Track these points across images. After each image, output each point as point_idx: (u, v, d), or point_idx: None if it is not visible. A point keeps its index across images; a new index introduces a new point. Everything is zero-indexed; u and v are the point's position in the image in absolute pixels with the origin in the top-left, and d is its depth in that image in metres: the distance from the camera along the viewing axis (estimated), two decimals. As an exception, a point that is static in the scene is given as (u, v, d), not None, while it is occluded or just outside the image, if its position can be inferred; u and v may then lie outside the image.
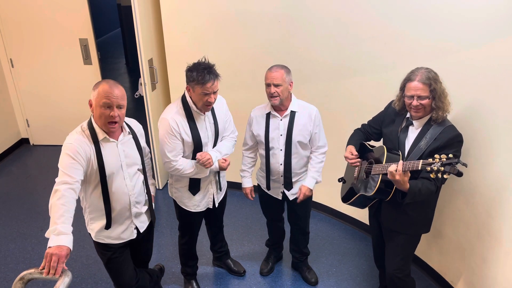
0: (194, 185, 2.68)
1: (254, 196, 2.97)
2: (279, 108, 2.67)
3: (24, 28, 4.67)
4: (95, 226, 2.28)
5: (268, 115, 2.71)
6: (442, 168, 2.01)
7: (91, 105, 2.11)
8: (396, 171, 2.13)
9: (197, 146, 2.55)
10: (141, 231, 2.41)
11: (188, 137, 2.50)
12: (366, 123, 2.69)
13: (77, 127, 2.16)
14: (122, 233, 2.33)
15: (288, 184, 2.82)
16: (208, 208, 2.81)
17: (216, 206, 2.82)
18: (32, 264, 3.32)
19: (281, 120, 2.68)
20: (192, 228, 2.88)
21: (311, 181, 2.80)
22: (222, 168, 2.65)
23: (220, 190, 2.81)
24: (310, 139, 2.73)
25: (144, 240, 2.52)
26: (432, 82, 2.20)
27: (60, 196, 1.91)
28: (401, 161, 2.15)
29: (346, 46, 3.21)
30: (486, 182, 2.52)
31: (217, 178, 2.75)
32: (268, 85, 2.57)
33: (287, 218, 3.09)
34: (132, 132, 2.29)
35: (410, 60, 2.76)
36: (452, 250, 2.91)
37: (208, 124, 2.59)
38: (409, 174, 2.15)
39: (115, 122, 2.09)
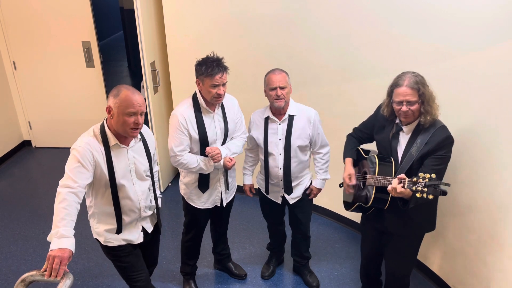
0: (204, 183, 2.71)
1: (254, 192, 2.98)
2: (278, 112, 2.68)
3: (27, 30, 4.69)
4: (102, 230, 2.27)
5: (266, 119, 2.72)
6: (426, 189, 2.04)
7: (109, 112, 2.09)
8: (395, 188, 2.14)
9: (204, 143, 2.60)
10: (149, 231, 2.42)
11: (196, 133, 2.56)
12: (358, 127, 2.68)
13: (89, 129, 2.16)
14: (130, 235, 2.33)
15: (288, 189, 2.82)
16: (215, 207, 2.83)
17: (224, 205, 2.84)
18: (33, 266, 3.32)
19: (279, 124, 2.69)
20: (197, 225, 2.91)
21: (321, 183, 2.85)
22: (226, 167, 2.67)
23: (228, 189, 2.82)
24: (310, 142, 2.74)
25: (150, 245, 2.52)
26: (421, 86, 2.17)
27: (62, 200, 1.92)
28: (396, 180, 2.15)
29: (348, 50, 3.21)
30: (489, 186, 2.52)
31: (225, 176, 2.77)
32: (273, 89, 2.58)
33: (288, 222, 3.08)
34: (143, 138, 2.29)
35: (411, 64, 2.75)
36: (454, 255, 2.90)
37: (217, 122, 2.63)
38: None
39: (138, 128, 2.11)
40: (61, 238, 1.83)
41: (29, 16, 4.62)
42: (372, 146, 2.66)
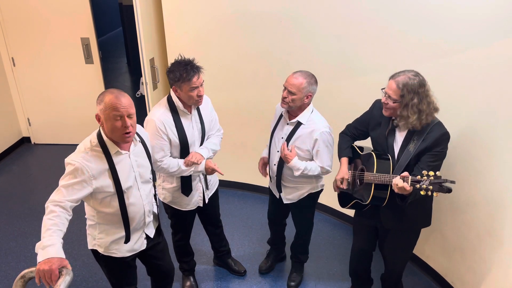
0: (187, 187, 2.67)
1: (267, 173, 2.88)
2: (290, 112, 2.62)
3: (26, 27, 4.67)
4: (107, 240, 2.21)
5: (281, 115, 2.70)
6: (431, 187, 2.06)
7: (99, 120, 2.01)
8: (399, 186, 2.13)
9: (184, 146, 2.55)
10: (151, 236, 2.37)
11: (175, 137, 2.50)
12: (351, 124, 2.66)
13: (85, 140, 2.07)
14: (135, 244, 2.29)
15: (278, 186, 2.81)
16: (199, 207, 2.82)
17: (206, 202, 2.82)
18: (33, 262, 3.32)
19: (287, 124, 2.66)
20: (185, 226, 2.90)
21: (297, 163, 2.58)
22: (207, 172, 2.58)
23: (207, 188, 2.80)
24: (311, 153, 2.65)
25: (160, 251, 2.47)
26: (406, 91, 2.15)
27: (48, 212, 1.90)
28: (398, 178, 2.15)
29: (347, 47, 3.21)
30: (488, 182, 2.52)
31: (205, 176, 2.75)
32: (284, 88, 2.52)
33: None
34: (141, 139, 2.22)
35: (411, 61, 2.76)
36: (453, 251, 2.91)
37: (195, 123, 2.59)
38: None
39: (129, 132, 2.01)
40: (45, 249, 1.78)
41: (28, 13, 4.60)
42: (365, 143, 2.66)
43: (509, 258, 2.42)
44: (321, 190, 2.86)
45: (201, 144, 2.66)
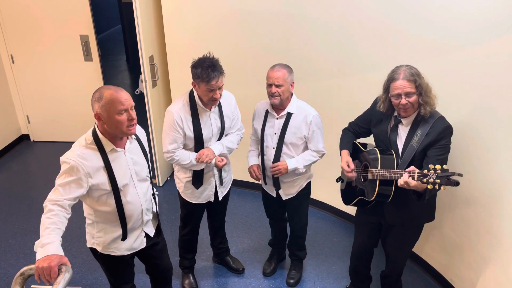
0: (198, 179, 2.70)
1: (260, 174, 2.85)
2: (277, 107, 2.67)
3: (25, 24, 4.66)
4: (105, 239, 2.21)
5: (267, 112, 2.72)
6: (438, 181, 2.04)
7: (99, 118, 1.98)
8: (407, 182, 2.12)
9: (199, 141, 2.58)
10: (151, 235, 2.37)
11: (191, 132, 2.55)
12: (354, 121, 2.68)
13: (80, 139, 2.06)
14: (134, 243, 2.29)
15: (276, 183, 2.82)
16: (210, 201, 2.83)
17: (220, 199, 2.84)
18: (32, 260, 3.32)
19: (277, 119, 2.68)
20: (193, 219, 2.91)
21: (293, 162, 2.68)
22: (217, 166, 2.66)
23: (221, 184, 2.81)
24: (306, 140, 2.71)
25: (158, 250, 2.48)
26: (417, 78, 2.18)
27: (47, 211, 1.90)
28: (406, 174, 2.13)
29: (347, 44, 3.20)
30: (487, 180, 2.53)
31: (220, 172, 2.77)
32: (269, 85, 2.56)
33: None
34: (137, 137, 2.23)
35: (411, 58, 2.75)
36: (451, 248, 2.92)
37: (214, 121, 2.61)
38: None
39: (134, 124, 2.03)
40: (44, 246, 1.78)
41: (27, 10, 4.59)
42: (368, 140, 2.66)
43: (507, 255, 2.42)
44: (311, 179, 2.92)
45: (219, 140, 2.69)
